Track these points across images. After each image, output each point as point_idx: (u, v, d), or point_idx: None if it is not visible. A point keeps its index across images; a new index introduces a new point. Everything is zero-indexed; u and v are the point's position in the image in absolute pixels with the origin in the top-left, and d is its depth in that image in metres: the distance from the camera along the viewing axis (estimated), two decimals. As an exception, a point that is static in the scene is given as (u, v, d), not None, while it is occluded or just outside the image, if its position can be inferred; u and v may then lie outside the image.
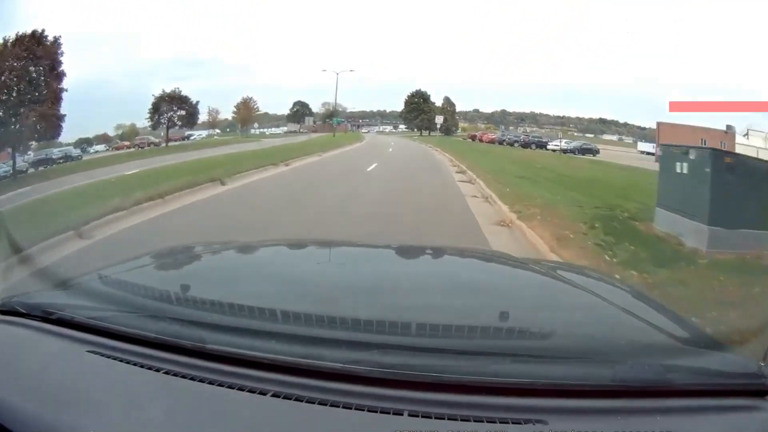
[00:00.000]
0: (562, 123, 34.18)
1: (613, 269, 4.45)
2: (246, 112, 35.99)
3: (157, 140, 23.66)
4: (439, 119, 21.24)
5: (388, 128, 40.46)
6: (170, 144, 23.27)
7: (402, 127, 40.30)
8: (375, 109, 41.02)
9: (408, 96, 38.51)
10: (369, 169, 13.89)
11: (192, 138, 27.90)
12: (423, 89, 37.61)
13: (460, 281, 1.52)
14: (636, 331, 1.11)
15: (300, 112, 40.03)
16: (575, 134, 32.36)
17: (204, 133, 31.86)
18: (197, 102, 23.61)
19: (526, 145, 28.86)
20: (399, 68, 52.50)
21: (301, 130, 40.29)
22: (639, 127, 30.68)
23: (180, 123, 23.53)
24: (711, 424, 0.85)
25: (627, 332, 1.11)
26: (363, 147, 25.53)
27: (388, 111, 40.25)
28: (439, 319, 1.06)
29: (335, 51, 51.51)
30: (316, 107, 40.22)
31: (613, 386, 0.88)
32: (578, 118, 33.91)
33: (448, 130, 36.77)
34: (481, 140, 32.22)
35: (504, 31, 47.54)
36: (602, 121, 33.00)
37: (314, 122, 40.43)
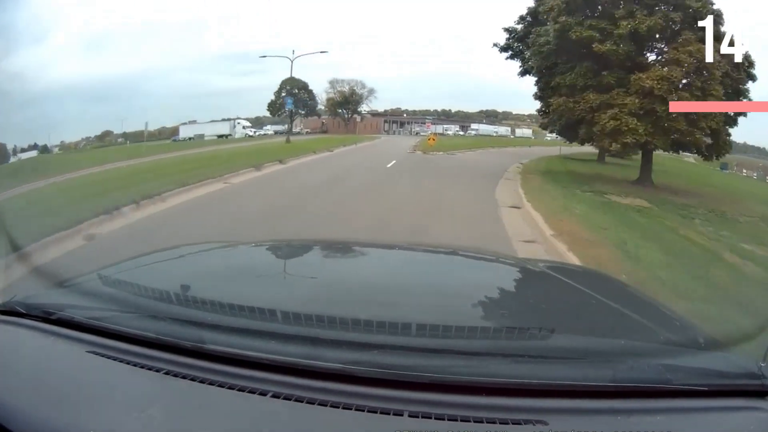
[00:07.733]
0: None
1: None
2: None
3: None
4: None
5: (452, 129, 34.01)
6: None
7: (498, 128, 28.42)
8: (453, 109, 36.62)
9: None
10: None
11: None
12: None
13: (461, 281, 1.52)
14: (636, 331, 1.12)
15: (290, 97, 22.80)
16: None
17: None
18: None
19: None
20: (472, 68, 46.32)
21: (304, 130, 25.15)
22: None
23: None
24: (711, 424, 0.85)
25: (627, 332, 1.11)
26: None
27: (463, 111, 35.82)
28: (439, 320, 1.06)
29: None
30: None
31: (614, 386, 0.88)
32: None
33: (714, 149, 12.30)
34: None
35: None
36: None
37: (320, 117, 25.65)
